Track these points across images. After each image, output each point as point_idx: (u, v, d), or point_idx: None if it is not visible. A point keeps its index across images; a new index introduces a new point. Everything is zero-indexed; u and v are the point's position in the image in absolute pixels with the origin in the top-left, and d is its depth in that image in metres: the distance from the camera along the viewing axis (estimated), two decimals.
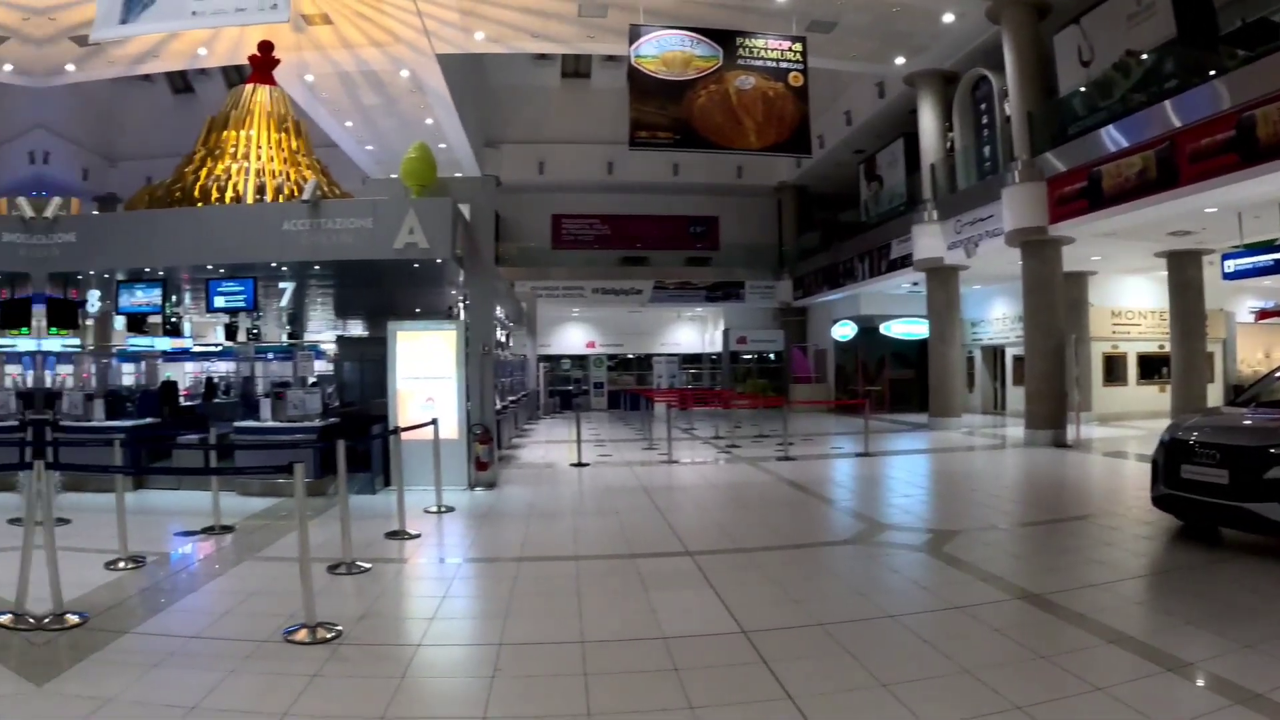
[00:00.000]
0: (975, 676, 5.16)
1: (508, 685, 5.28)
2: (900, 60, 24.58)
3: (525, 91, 36.72)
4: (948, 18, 21.69)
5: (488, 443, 13.69)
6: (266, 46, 18.17)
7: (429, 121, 28.63)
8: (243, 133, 16.75)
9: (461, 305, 17.29)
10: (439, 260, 12.83)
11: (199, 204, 15.49)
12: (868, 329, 32.35)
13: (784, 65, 20.59)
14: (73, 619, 6.54)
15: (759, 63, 20.52)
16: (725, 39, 20.42)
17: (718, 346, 39.47)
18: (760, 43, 20.53)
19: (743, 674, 5.35)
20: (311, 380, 18.10)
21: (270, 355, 20.28)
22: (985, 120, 23.71)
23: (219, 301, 14.38)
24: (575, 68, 37.06)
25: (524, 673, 5.49)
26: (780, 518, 11.16)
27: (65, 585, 6.72)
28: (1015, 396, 26.78)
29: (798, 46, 20.74)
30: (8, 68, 24.80)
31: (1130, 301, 26.52)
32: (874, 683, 5.12)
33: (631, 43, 20.15)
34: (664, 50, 20.18)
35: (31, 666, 5.69)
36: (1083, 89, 19.16)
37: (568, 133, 37.03)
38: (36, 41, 23.38)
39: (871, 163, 32.37)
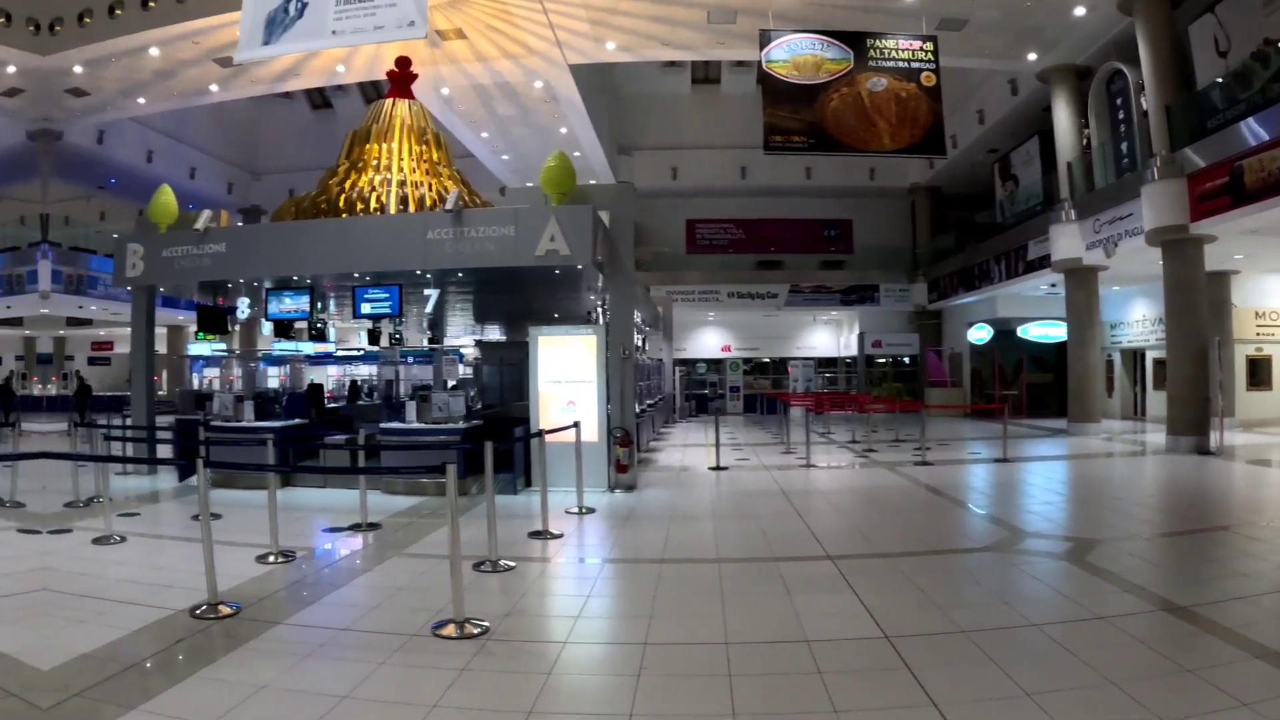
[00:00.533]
0: (1119, 688, 5.06)
1: (653, 684, 5.32)
2: (1032, 56, 24.05)
3: (656, 98, 36.95)
4: (1079, 11, 21.11)
5: (628, 445, 13.80)
6: (404, 62, 18.61)
7: (563, 130, 28.99)
8: (384, 146, 17.17)
9: (601, 310, 17.47)
10: (580, 266, 12.98)
11: (344, 214, 15.94)
12: (1004, 331, 31.69)
13: (915, 65, 20.34)
14: (227, 609, 6.85)
15: (890, 64, 20.29)
16: (855, 41, 20.25)
17: (853, 350, 38.99)
18: (891, 43, 20.31)
19: (886, 679, 5.32)
20: (452, 384, 18.50)
21: (411, 359, 20.78)
22: (1122, 115, 23.00)
23: (365, 308, 14.91)
24: (705, 74, 37.16)
25: (669, 672, 5.53)
26: (919, 523, 11.07)
27: (219, 577, 7.05)
28: (1156, 401, 25.92)
29: (929, 46, 20.46)
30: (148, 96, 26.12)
31: (1276, 302, 25.44)
32: (1018, 691, 5.06)
33: (762, 48, 20.13)
34: (795, 54, 20.09)
35: (188, 652, 5.99)
36: (1220, 80, 18.50)
37: (699, 138, 37.14)
38: (182, 64, 24.44)
39: (1006, 162, 31.74)
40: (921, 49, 20.44)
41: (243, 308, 16.52)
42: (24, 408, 32.98)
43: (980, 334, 32.39)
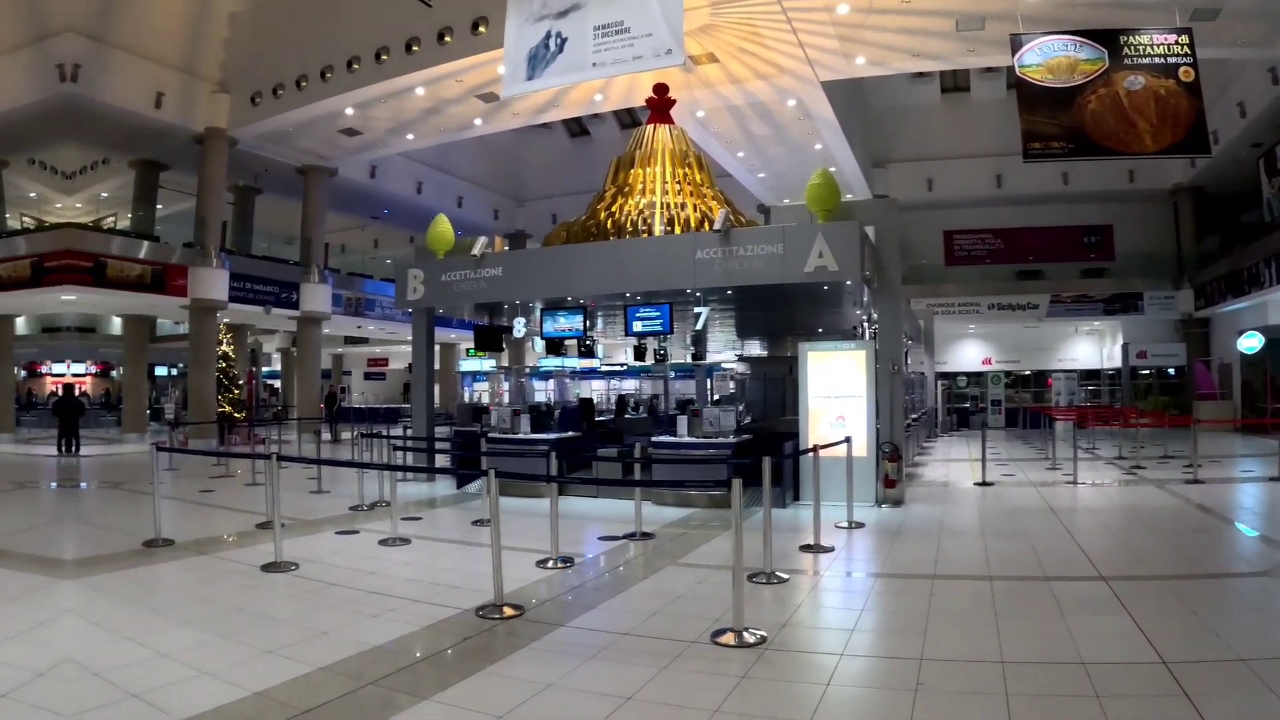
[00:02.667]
0: None
1: (931, 700, 5.34)
2: None
3: (907, 110, 36.58)
4: None
5: (897, 460, 13.79)
6: (662, 89, 19.12)
7: (818, 147, 29.06)
8: (648, 170, 17.64)
9: (866, 325, 17.56)
10: (848, 282, 13.05)
11: (613, 237, 16.54)
12: (1276, 340, 29.58)
13: (1172, 60, 19.52)
14: (510, 610, 7.33)
15: (1146, 60, 19.54)
16: (1108, 39, 19.61)
17: (1116, 362, 37.57)
18: (1145, 39, 19.57)
19: (1164, 706, 5.18)
20: (716, 398, 18.91)
21: (674, 374, 21.27)
22: None
23: (637, 325, 15.44)
24: (954, 82, 36.57)
25: (946, 689, 5.54)
26: (1192, 544, 10.61)
27: (505, 580, 7.55)
28: None
29: (1184, 39, 19.60)
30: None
31: None
32: None
33: (1014, 52, 19.76)
34: (1048, 57, 19.65)
35: (476, 649, 6.45)
36: None
37: (953, 148, 36.51)
38: (446, 101, 25.86)
39: (1271, 156, 29.39)
40: (1176, 42, 19.63)
41: (519, 327, 17.31)
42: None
43: (1250, 342, 30.24)
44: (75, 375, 45.56)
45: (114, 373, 45.29)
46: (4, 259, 26.08)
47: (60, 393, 30.16)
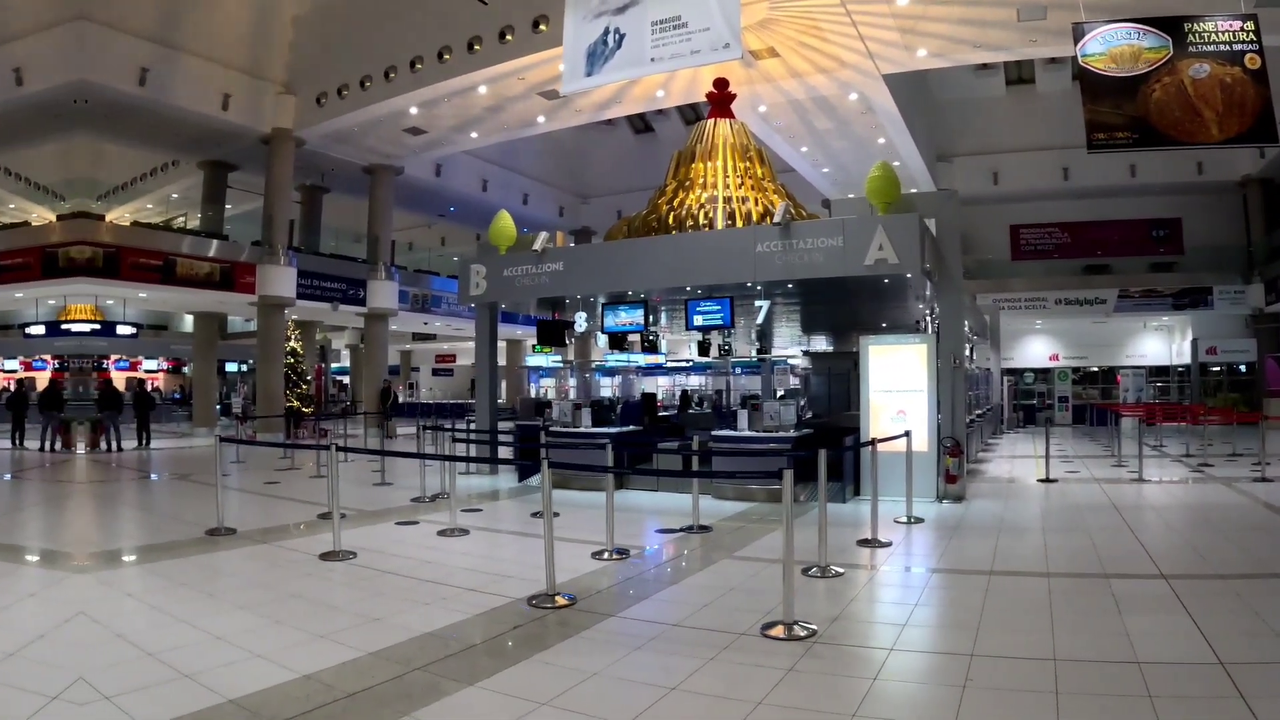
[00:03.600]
0: None
1: (978, 696, 5.28)
2: None
3: (971, 103, 36.14)
4: None
5: (958, 455, 13.69)
6: (722, 83, 19.13)
7: (881, 141, 28.90)
8: (709, 164, 17.68)
9: (929, 319, 17.46)
10: (908, 275, 13.04)
11: (674, 231, 16.60)
12: None
13: (1238, 47, 19.04)
14: (562, 600, 7.40)
15: (1211, 48, 19.09)
16: (1172, 26, 19.21)
17: (1185, 358, 36.89)
18: (1209, 25, 19.11)
19: (1219, 708, 5.05)
20: (780, 393, 18.90)
21: (738, 369, 21.26)
22: None
23: (698, 320, 15.51)
24: (1018, 74, 36.08)
25: (994, 685, 5.47)
26: (1258, 543, 10.37)
27: (556, 570, 7.61)
28: None
29: (1250, 25, 19.09)
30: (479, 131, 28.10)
31: None
32: None
33: (1076, 42, 19.48)
34: (1111, 46, 19.30)
35: (525, 637, 6.52)
36: None
37: (1018, 141, 36.00)
38: (509, 99, 26.06)
39: None
40: (1242, 29, 19.17)
41: (581, 322, 17.45)
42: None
43: None
44: (147, 371, 46.32)
45: (185, 369, 46.02)
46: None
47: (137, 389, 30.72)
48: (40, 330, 33.98)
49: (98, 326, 35.27)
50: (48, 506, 13.98)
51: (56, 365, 37.58)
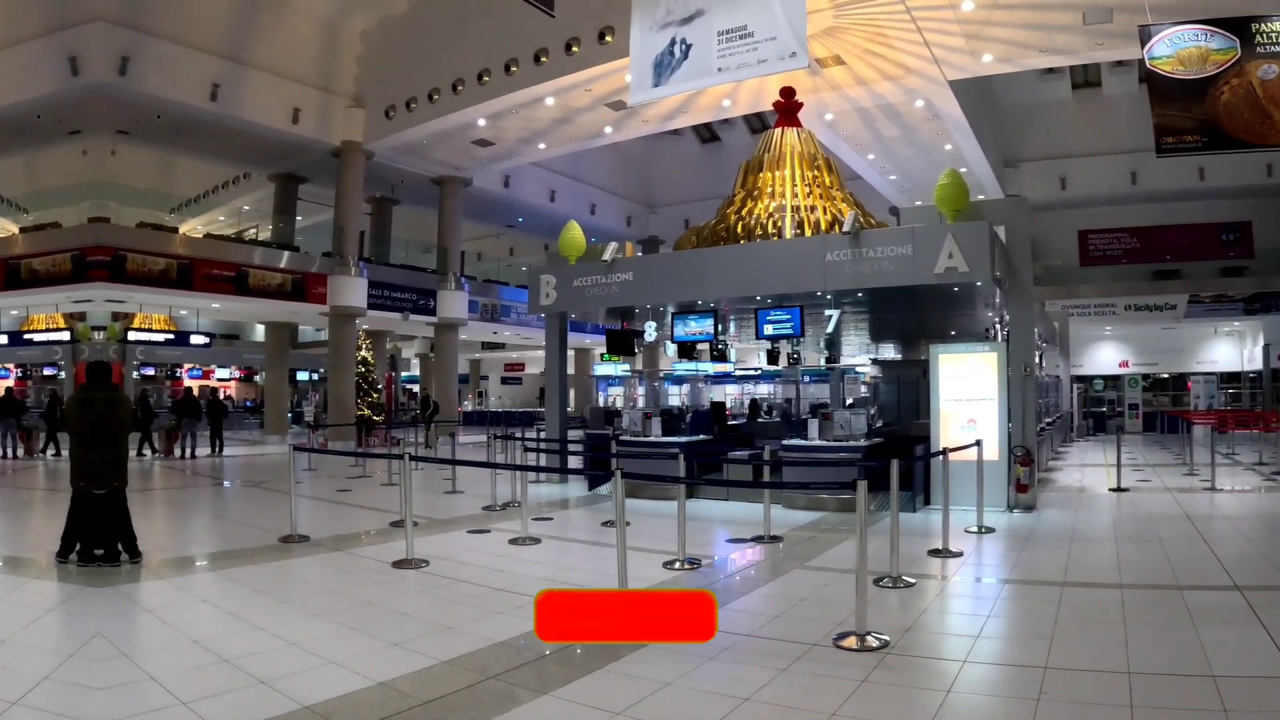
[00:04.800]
0: None
1: (1052, 710, 5.20)
2: None
3: (1037, 108, 35.77)
4: None
5: (1029, 465, 13.57)
6: (788, 92, 19.15)
7: (948, 147, 28.77)
8: (777, 173, 17.69)
9: (999, 326, 17.38)
10: (978, 283, 12.97)
11: (742, 241, 16.65)
12: None
13: None
14: None
15: (1279, 48, 19.00)
16: (1240, 27, 18.89)
17: (1258, 364, 36.26)
18: (1277, 25, 18.99)
19: None
20: (849, 402, 18.89)
21: (808, 378, 21.27)
22: None
23: (767, 329, 15.48)
24: (1084, 78, 35.69)
25: (1068, 699, 5.38)
26: None
27: (629, 580, 7.63)
28: None
29: None
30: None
31: None
32: None
33: (1143, 44, 19.27)
34: (1178, 48, 19.05)
35: (598, 648, 6.42)
36: None
37: (1085, 145, 35.51)
38: (576, 111, 26.35)
39: None
40: None
41: (650, 331, 17.52)
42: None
43: None
44: (219, 380, 47.09)
45: (256, 377, 46.72)
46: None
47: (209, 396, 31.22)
48: (3, 340, 35.03)
49: (171, 336, 36.18)
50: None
51: (19, 374, 38.46)
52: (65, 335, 34.48)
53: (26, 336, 35.38)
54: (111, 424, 9.46)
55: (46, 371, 36.95)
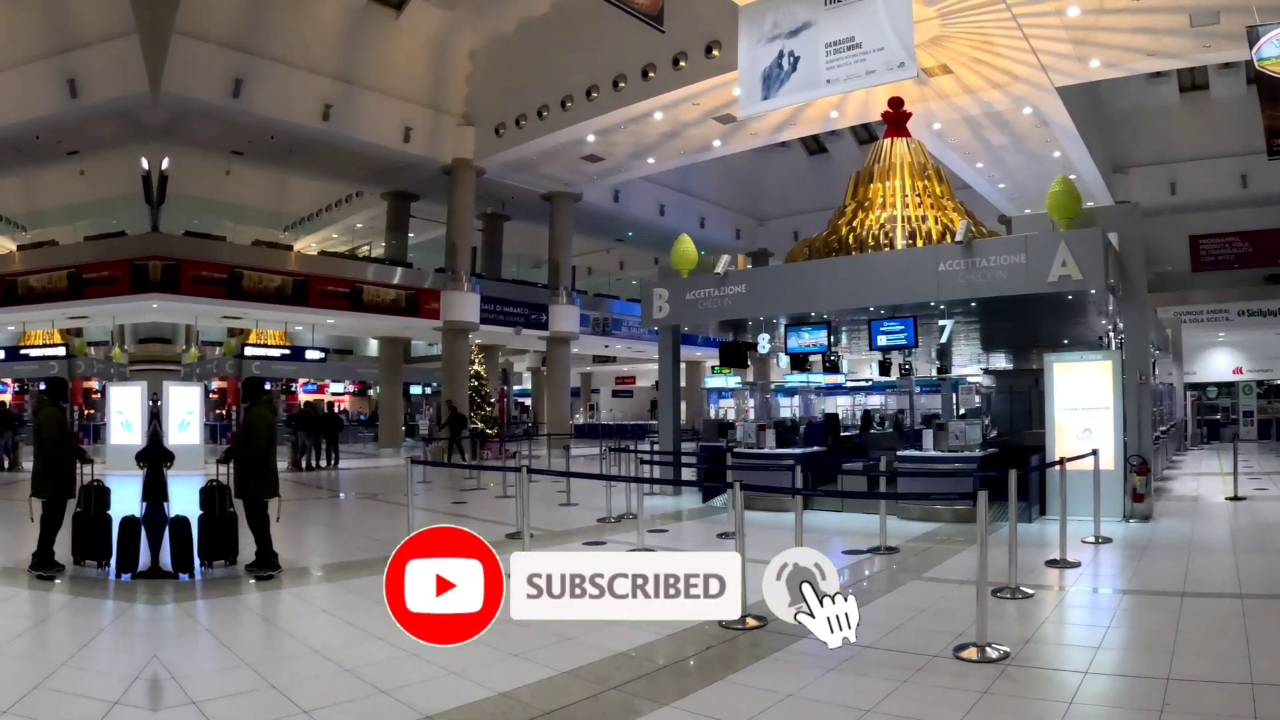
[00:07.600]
0: None
1: None
2: None
3: (1145, 112, 35.07)
4: None
5: (1145, 474, 13.44)
6: (897, 102, 19.16)
7: (1056, 154, 28.44)
8: (887, 184, 17.71)
9: (1113, 334, 17.21)
10: (1092, 291, 12.95)
11: (854, 252, 16.71)
12: None
13: None
14: (753, 621, 7.30)
15: None
16: None
17: None
18: None
19: None
20: (961, 412, 18.82)
21: (920, 389, 21.20)
22: None
23: (881, 340, 15.60)
24: (1191, 80, 34.97)
25: (1191, 710, 5.35)
26: None
27: (746, 591, 7.75)
28: None
29: None
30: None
31: None
32: None
33: (1251, 46, 18.89)
34: None
35: (718, 658, 6.67)
36: None
37: (1193, 149, 34.69)
38: (685, 125, 26.75)
39: None
40: None
41: (764, 343, 17.66)
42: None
43: None
44: (334, 394, 48.10)
45: (370, 391, 47.66)
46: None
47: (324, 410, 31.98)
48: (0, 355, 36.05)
49: (286, 351, 37.10)
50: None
51: (16, 388, 39.47)
52: (61, 350, 35.36)
53: (23, 352, 36.35)
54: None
55: (41, 386, 37.97)
